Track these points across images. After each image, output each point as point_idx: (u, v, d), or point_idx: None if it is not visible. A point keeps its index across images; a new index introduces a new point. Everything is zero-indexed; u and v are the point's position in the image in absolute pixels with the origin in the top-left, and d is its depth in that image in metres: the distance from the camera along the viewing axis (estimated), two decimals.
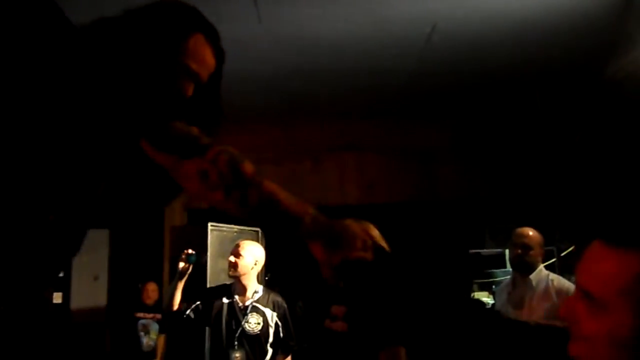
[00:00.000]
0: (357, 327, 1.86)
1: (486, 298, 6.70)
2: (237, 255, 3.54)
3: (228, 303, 3.53)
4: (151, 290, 5.46)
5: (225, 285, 3.70)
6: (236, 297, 3.54)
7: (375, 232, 1.40)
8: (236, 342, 3.43)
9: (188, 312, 3.48)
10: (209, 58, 1.42)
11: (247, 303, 3.50)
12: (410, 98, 5.71)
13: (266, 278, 5.71)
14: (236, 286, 3.56)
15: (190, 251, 3.52)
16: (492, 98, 5.71)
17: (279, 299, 3.65)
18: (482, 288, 7.31)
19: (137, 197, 1.59)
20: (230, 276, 3.58)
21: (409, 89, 5.43)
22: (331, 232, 1.33)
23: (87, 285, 5.88)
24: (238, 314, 3.48)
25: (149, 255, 5.91)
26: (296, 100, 5.67)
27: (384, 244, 2.14)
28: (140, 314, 5.31)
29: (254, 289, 3.56)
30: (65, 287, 5.60)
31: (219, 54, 1.45)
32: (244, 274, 3.53)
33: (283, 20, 4.06)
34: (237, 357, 3.39)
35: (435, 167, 6.24)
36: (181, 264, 3.48)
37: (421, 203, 6.16)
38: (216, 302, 3.54)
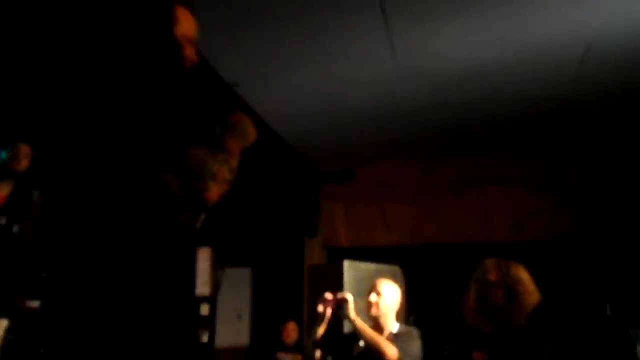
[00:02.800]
0: None
1: None
2: (378, 294, 3.54)
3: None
4: (291, 330, 5.59)
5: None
6: None
7: None
8: None
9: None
10: (193, 24, 1.56)
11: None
12: (563, 127, 5.43)
13: (410, 319, 5.63)
14: (374, 326, 3.53)
15: (329, 296, 3.58)
16: None
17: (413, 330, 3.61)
18: None
19: (277, 236, 1.70)
20: (371, 315, 3.56)
21: (560, 117, 5.18)
22: None
23: (231, 324, 6.15)
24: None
25: (289, 293, 6.08)
26: (435, 133, 5.62)
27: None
28: (281, 354, 5.44)
29: (390, 329, 3.52)
30: (210, 325, 5.89)
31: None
32: (384, 314, 3.52)
33: (419, 52, 4.07)
34: None
35: (599, 199, 5.84)
36: (320, 308, 3.53)
37: (582, 238, 5.78)
38: (355, 344, 3.54)
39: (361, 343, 3.49)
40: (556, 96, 4.71)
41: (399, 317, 3.71)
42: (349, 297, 3.57)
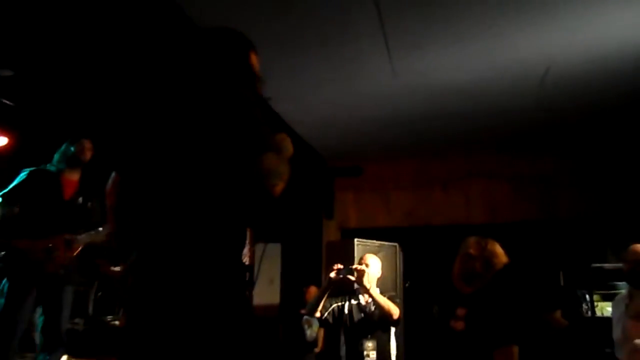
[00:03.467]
0: (475, 327, 1.83)
1: (609, 308, 6.05)
2: (366, 265, 3.61)
3: (357, 303, 3.62)
4: (312, 292, 5.62)
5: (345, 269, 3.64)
6: (361, 298, 3.63)
7: None
8: (365, 328, 3.51)
9: (326, 315, 3.61)
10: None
11: (369, 300, 3.54)
12: (528, 132, 5.43)
13: (406, 285, 5.66)
14: (362, 289, 3.57)
15: (339, 266, 3.59)
16: (606, 128, 5.26)
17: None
18: (605, 299, 6.66)
19: (302, 218, 1.72)
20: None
21: (527, 124, 5.18)
22: None
23: (265, 287, 6.21)
24: (366, 310, 3.56)
25: (311, 263, 6.14)
26: (428, 137, 5.64)
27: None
28: (305, 311, 5.48)
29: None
30: (250, 287, 5.93)
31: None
32: (370, 281, 3.57)
33: (414, 72, 4.10)
34: (369, 346, 3.43)
35: (555, 191, 5.84)
36: (332, 274, 3.58)
37: (542, 222, 5.78)
38: (347, 303, 3.63)
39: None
40: (522, 107, 4.71)
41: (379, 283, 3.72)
42: (366, 268, 3.57)
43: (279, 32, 3.45)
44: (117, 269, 5.35)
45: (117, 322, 4.98)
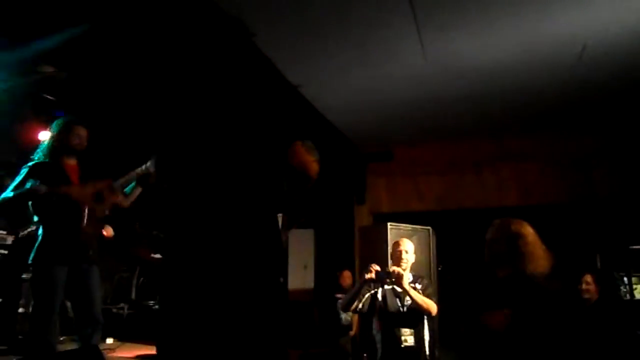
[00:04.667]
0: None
1: None
2: (406, 252, 3.60)
3: (391, 289, 3.58)
4: (346, 276, 5.68)
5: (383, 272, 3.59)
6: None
7: None
8: (401, 319, 3.49)
9: (360, 305, 3.58)
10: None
11: (405, 286, 3.47)
12: (562, 111, 5.30)
13: (439, 269, 5.65)
14: (395, 274, 3.51)
15: (377, 268, 3.55)
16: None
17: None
18: None
19: (334, 204, 1.75)
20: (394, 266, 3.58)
21: (560, 104, 5.05)
22: None
23: (299, 272, 6.30)
24: (401, 297, 3.53)
25: (343, 248, 6.18)
26: (459, 120, 5.56)
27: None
28: (339, 295, 5.55)
29: (408, 276, 3.53)
30: (284, 273, 6.05)
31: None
32: (406, 267, 3.56)
33: (445, 54, 4.05)
34: (406, 331, 3.45)
35: (591, 171, 5.69)
36: (368, 275, 3.54)
37: (578, 203, 5.65)
38: (380, 290, 3.60)
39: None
40: (557, 86, 4.59)
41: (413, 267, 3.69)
42: (404, 272, 3.50)
43: (310, 18, 3.46)
44: (157, 256, 5.53)
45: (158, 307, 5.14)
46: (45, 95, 4.50)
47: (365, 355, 3.85)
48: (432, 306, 3.44)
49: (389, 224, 5.12)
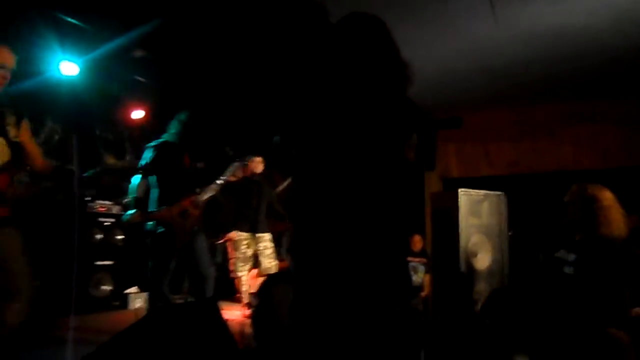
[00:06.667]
0: (585, 274, 1.89)
1: None
2: None
3: None
4: (417, 241, 5.81)
5: None
6: None
7: None
8: None
9: None
10: None
11: None
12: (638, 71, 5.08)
13: (509, 234, 5.67)
14: None
15: None
16: None
17: None
18: None
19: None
20: None
21: (637, 63, 4.84)
22: None
23: None
24: None
25: (414, 213, 6.29)
26: (531, 85, 5.46)
27: None
28: (410, 258, 5.72)
29: None
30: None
31: None
32: None
33: (517, 19, 4.01)
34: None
35: None
36: None
37: None
38: None
39: None
40: (631, 46, 4.40)
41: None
42: None
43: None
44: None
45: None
46: (138, 77, 4.89)
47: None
48: None
49: (460, 190, 5.18)
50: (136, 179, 3.69)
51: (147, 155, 3.56)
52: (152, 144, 3.62)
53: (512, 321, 3.91)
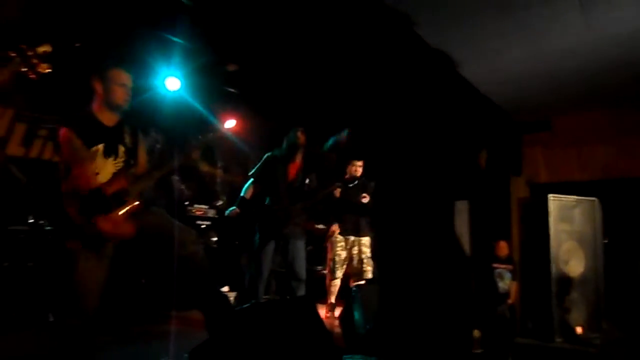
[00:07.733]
0: None
1: None
2: None
3: None
4: (503, 247, 5.68)
5: None
6: None
7: None
8: None
9: None
10: None
11: None
12: None
13: (604, 242, 5.40)
14: None
15: None
16: None
17: None
18: None
19: (490, 175, 1.84)
20: None
21: None
22: None
23: None
24: None
25: (500, 219, 6.17)
26: (625, 87, 5.21)
27: None
28: (496, 265, 5.61)
29: None
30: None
31: None
32: None
33: (609, 21, 3.87)
34: None
35: None
36: None
37: None
38: None
39: None
40: None
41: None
42: None
43: (471, 4, 3.56)
44: (321, 226, 6.12)
45: (325, 271, 5.70)
46: (230, 89, 5.21)
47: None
48: None
49: (550, 195, 5.01)
50: (249, 182, 4.23)
51: (257, 165, 4.10)
52: (265, 155, 4.14)
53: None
